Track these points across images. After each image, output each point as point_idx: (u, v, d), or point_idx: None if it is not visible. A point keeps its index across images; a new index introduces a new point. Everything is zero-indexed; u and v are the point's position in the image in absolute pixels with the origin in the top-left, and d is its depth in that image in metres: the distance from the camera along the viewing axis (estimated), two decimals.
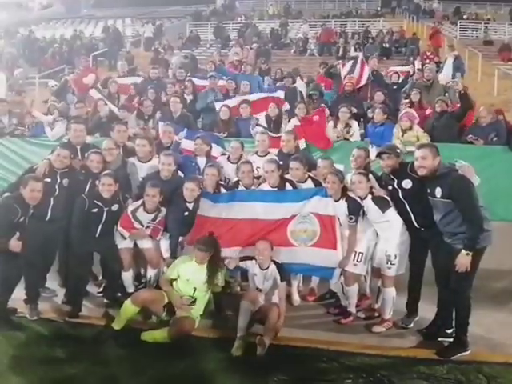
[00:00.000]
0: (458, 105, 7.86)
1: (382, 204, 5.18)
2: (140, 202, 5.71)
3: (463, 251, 4.60)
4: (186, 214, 5.72)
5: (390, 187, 5.23)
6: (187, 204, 5.72)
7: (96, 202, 5.49)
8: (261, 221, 5.64)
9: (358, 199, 5.29)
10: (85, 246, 5.52)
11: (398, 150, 5.40)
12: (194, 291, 5.23)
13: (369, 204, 5.24)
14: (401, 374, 4.55)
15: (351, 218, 5.30)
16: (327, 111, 8.04)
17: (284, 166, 5.93)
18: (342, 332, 5.28)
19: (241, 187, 6.00)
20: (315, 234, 5.52)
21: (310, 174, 5.90)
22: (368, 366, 4.65)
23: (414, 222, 5.13)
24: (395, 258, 5.17)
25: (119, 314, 5.17)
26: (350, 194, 5.37)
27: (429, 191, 4.82)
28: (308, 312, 5.75)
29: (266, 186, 5.86)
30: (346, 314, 5.51)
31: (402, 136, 7.27)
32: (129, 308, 5.13)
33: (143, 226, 5.68)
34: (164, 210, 5.74)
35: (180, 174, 6.25)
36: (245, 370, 4.52)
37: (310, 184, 5.81)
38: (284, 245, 5.55)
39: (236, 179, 6.13)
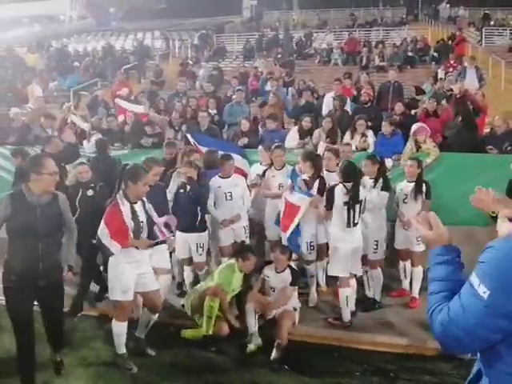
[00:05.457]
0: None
1: None
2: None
3: None
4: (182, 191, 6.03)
5: None
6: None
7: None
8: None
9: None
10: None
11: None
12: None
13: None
14: (407, 368, 4.88)
15: (345, 204, 5.51)
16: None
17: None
18: (353, 330, 5.59)
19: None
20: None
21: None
22: (377, 361, 5.01)
23: None
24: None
25: (207, 321, 5.25)
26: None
27: None
28: (322, 311, 6.11)
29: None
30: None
31: (417, 151, 7.16)
32: (213, 304, 5.24)
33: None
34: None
35: None
36: (260, 364, 4.95)
37: None
38: None
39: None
